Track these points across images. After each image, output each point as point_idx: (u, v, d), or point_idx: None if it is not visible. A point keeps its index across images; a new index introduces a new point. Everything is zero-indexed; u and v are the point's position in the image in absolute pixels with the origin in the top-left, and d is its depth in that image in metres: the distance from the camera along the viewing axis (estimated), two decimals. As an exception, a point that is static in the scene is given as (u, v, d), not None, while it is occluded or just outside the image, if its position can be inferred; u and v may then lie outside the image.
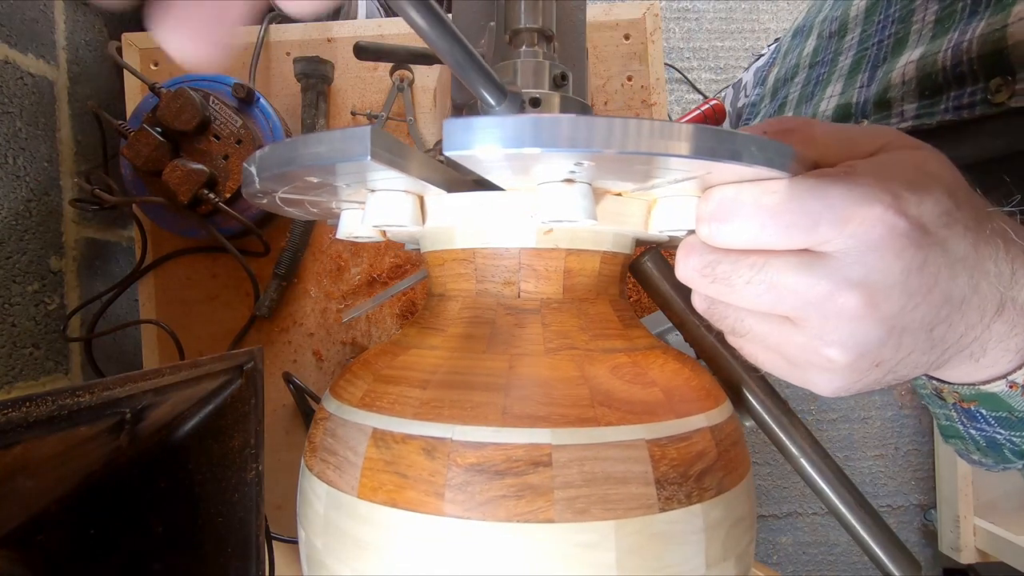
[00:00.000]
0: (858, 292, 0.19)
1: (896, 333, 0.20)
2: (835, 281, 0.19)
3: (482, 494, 0.21)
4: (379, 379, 0.25)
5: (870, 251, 0.19)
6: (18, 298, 0.50)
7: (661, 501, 0.22)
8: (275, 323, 0.57)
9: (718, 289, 0.22)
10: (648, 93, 0.59)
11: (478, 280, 0.27)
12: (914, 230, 0.19)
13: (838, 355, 0.21)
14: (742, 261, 0.21)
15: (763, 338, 0.23)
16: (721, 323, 0.25)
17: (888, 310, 0.20)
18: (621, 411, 0.23)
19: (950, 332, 0.21)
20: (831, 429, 1.46)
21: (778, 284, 0.20)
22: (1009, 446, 0.28)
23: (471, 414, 0.22)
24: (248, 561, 0.36)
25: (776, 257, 0.20)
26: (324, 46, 0.58)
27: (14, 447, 0.23)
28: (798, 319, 0.21)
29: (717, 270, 0.22)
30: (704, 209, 0.21)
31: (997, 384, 0.24)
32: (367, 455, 0.23)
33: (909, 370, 0.22)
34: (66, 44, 0.56)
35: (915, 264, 0.19)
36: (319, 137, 0.19)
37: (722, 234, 0.21)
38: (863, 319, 0.20)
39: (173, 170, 0.48)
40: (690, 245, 0.23)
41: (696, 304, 0.25)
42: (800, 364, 0.23)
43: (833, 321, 0.20)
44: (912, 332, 0.20)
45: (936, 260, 0.19)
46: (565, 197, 0.21)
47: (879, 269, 0.19)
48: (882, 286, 0.19)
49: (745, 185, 0.20)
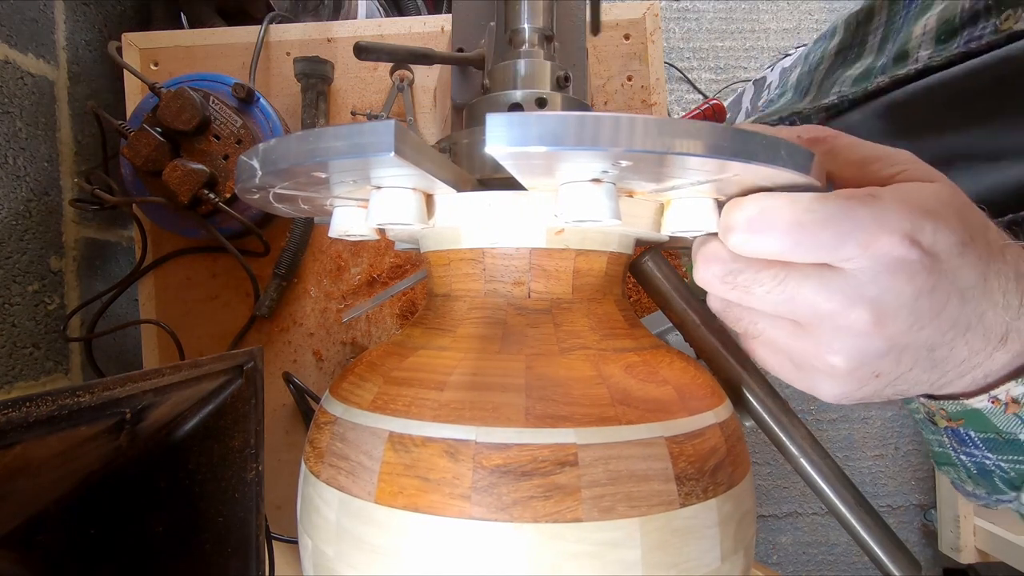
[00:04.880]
0: (868, 309, 0.21)
1: (897, 349, 0.22)
2: (849, 297, 0.21)
3: (509, 495, 0.21)
4: (390, 381, 0.25)
5: (885, 273, 0.20)
6: (18, 298, 0.50)
7: (681, 497, 0.22)
8: (275, 323, 0.57)
9: (737, 295, 0.23)
10: (648, 93, 0.59)
11: (486, 280, 0.27)
12: (927, 257, 0.20)
13: (840, 362, 0.22)
14: (764, 272, 0.22)
15: (774, 341, 0.24)
16: (735, 324, 0.25)
17: (893, 329, 0.21)
18: (640, 410, 0.23)
19: (952, 355, 0.22)
20: (831, 429, 1.46)
21: (796, 296, 0.22)
22: (999, 473, 0.29)
23: (493, 415, 0.22)
24: (248, 561, 0.36)
25: (796, 270, 0.21)
26: (324, 46, 0.58)
27: (14, 447, 0.23)
28: (809, 327, 0.22)
29: (739, 279, 0.23)
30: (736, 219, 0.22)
31: (979, 399, 0.25)
32: (384, 459, 0.22)
33: (909, 385, 0.23)
34: (66, 44, 0.56)
35: (925, 288, 0.20)
36: (336, 131, 0.18)
37: (754, 245, 0.21)
38: (869, 335, 0.21)
39: (173, 170, 0.47)
40: (713, 252, 0.23)
41: (712, 305, 0.26)
42: (805, 368, 0.24)
43: (842, 333, 0.21)
44: (913, 350, 0.22)
45: (946, 287, 0.21)
46: (592, 197, 0.21)
47: (891, 290, 0.20)
48: (892, 306, 0.21)
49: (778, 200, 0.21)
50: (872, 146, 0.24)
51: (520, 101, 0.30)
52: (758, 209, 0.21)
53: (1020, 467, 0.28)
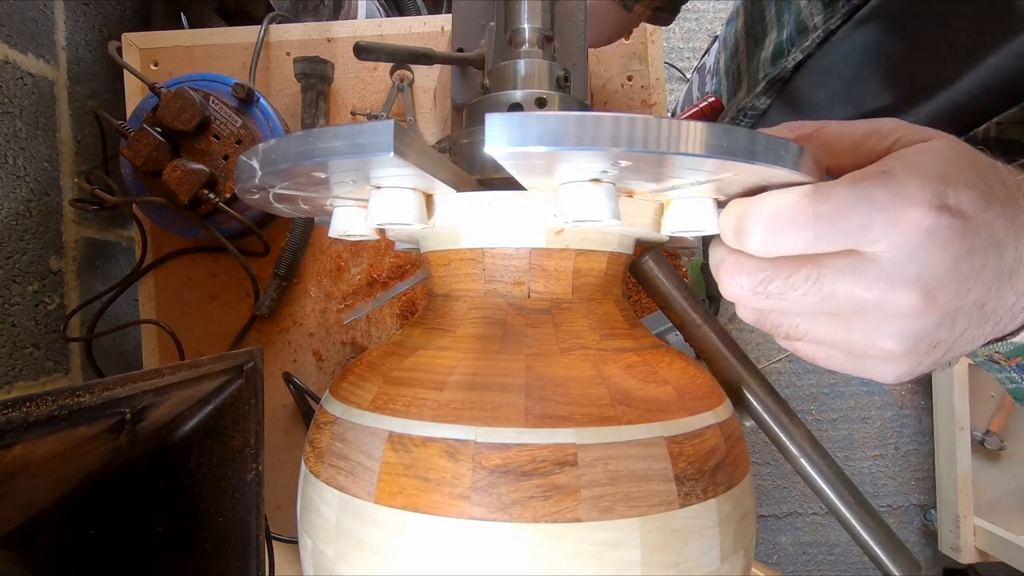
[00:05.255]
0: (915, 289, 0.20)
1: (950, 318, 0.21)
2: (891, 282, 0.20)
3: (509, 495, 0.21)
4: (390, 381, 0.25)
5: (919, 247, 0.20)
6: (18, 298, 0.50)
7: (681, 497, 0.22)
8: (275, 323, 0.57)
9: (771, 303, 0.23)
10: (648, 93, 0.59)
11: (486, 280, 0.27)
12: (956, 220, 0.20)
13: (895, 346, 0.22)
14: (796, 275, 0.21)
15: (820, 339, 0.24)
16: (774, 331, 0.25)
17: (944, 299, 0.21)
18: (639, 410, 0.23)
19: (1001, 304, 0.22)
20: (831, 429, 1.46)
21: (835, 293, 0.21)
22: None
23: (493, 415, 0.22)
24: (248, 561, 0.36)
25: (828, 266, 0.21)
26: (324, 46, 0.58)
27: (14, 447, 0.23)
28: (854, 317, 0.22)
29: (770, 287, 0.22)
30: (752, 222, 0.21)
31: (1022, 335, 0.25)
32: (384, 459, 0.23)
33: (965, 346, 0.23)
34: (66, 44, 0.56)
35: (963, 251, 0.20)
36: (336, 131, 0.18)
37: (776, 246, 0.21)
38: (919, 314, 0.21)
39: (173, 170, 0.48)
40: (736, 265, 0.23)
41: (745, 316, 0.25)
42: (859, 357, 0.23)
43: (891, 318, 0.21)
44: (965, 312, 0.22)
45: (982, 244, 0.20)
46: (591, 197, 0.21)
47: (930, 263, 0.20)
48: (936, 279, 0.20)
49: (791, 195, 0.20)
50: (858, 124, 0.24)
51: (520, 101, 0.30)
52: (773, 208, 0.20)
53: None
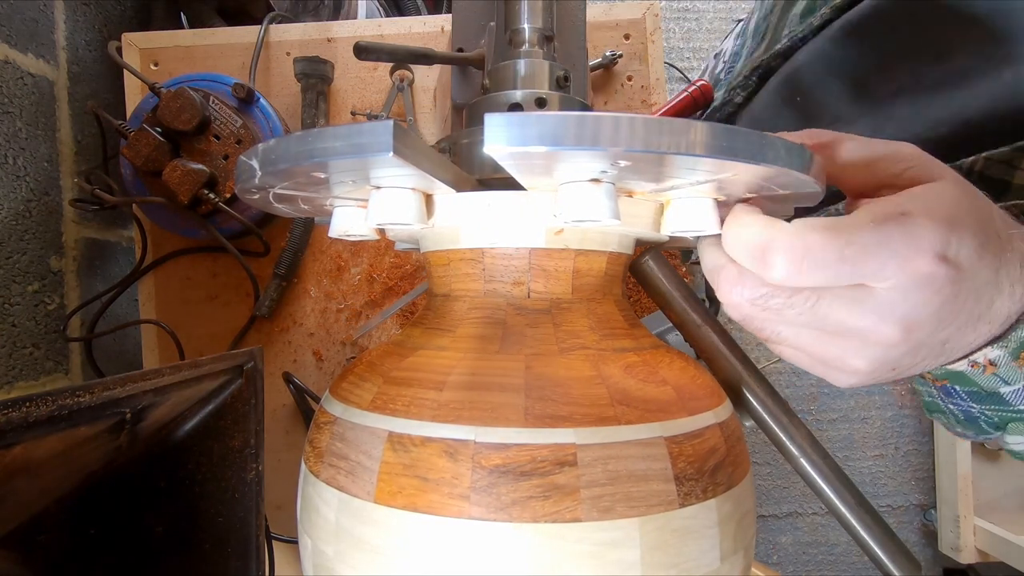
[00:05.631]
0: (899, 325, 0.22)
1: (915, 349, 0.23)
2: (881, 315, 0.22)
3: (508, 495, 0.21)
4: (389, 381, 0.25)
5: (915, 290, 0.21)
6: (18, 298, 0.50)
7: (681, 497, 0.22)
8: (275, 323, 0.57)
9: (766, 315, 0.24)
10: (648, 93, 0.59)
11: (486, 280, 0.27)
12: (952, 270, 0.21)
13: (864, 366, 0.24)
14: (796, 296, 0.23)
15: (798, 346, 0.25)
16: (758, 332, 0.26)
17: (918, 336, 0.22)
18: (639, 410, 0.23)
19: (961, 342, 0.24)
20: (831, 429, 1.46)
21: (828, 316, 0.22)
22: (984, 419, 0.31)
23: (492, 415, 0.22)
24: (248, 561, 0.36)
25: (828, 292, 0.22)
26: (324, 46, 0.58)
27: (14, 447, 0.23)
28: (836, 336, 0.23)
29: (770, 303, 0.23)
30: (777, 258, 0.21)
31: (960, 364, 0.26)
32: (384, 459, 0.23)
33: (918, 371, 0.25)
34: (66, 44, 0.56)
35: (949, 297, 0.22)
36: (335, 131, 0.18)
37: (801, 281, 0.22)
38: (895, 345, 0.23)
39: (173, 170, 0.47)
40: (741, 276, 0.23)
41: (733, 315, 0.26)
42: (826, 366, 0.25)
43: (870, 345, 0.23)
44: (928, 347, 0.23)
45: (966, 290, 0.22)
46: (590, 197, 0.21)
47: (919, 304, 0.21)
48: (919, 319, 0.22)
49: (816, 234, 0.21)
50: (876, 144, 0.24)
51: (520, 101, 0.30)
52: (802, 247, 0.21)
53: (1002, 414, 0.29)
